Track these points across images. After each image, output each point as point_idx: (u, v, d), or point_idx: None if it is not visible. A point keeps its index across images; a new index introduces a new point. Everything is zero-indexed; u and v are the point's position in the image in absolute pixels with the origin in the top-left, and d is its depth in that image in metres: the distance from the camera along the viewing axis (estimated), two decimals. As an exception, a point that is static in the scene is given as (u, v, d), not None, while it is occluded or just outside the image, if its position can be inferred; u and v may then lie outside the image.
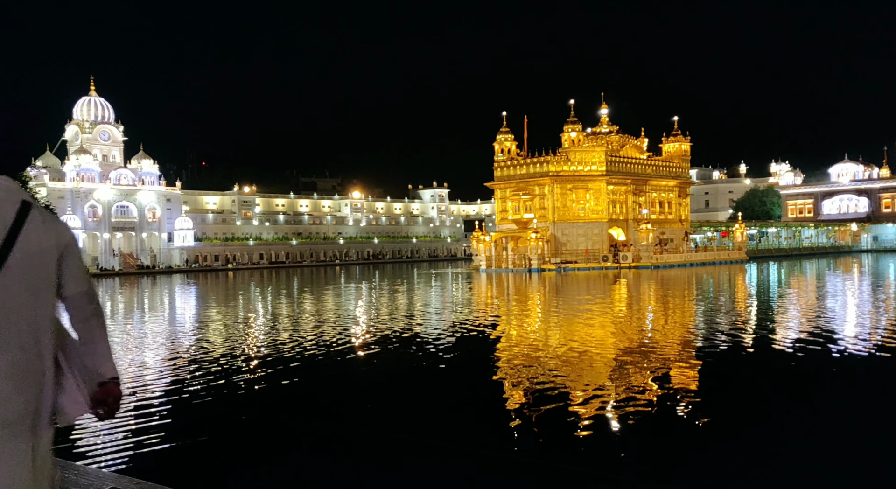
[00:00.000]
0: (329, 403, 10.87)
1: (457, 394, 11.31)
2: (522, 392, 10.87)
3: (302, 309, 27.14)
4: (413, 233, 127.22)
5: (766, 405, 10.00)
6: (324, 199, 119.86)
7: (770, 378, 11.82)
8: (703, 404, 9.82)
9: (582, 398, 10.15)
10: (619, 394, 10.43)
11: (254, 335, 18.95)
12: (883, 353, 13.39)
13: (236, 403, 10.80)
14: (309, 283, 48.13)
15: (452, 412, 10.12)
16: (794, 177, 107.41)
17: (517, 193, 63.06)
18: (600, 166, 60.34)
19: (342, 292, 37.23)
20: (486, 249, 62.24)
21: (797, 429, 8.73)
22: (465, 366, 13.86)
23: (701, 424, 8.93)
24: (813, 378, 11.72)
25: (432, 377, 12.79)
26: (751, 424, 8.98)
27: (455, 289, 37.58)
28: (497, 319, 22.00)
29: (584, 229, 60.57)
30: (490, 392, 11.14)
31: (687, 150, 69.44)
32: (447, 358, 14.55)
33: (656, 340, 16.11)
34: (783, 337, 16.06)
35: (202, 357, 14.88)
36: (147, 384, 12.06)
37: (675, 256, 60.88)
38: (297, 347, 15.87)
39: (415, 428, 9.27)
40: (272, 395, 11.31)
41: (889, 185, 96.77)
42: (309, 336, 17.96)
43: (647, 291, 32.25)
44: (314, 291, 38.62)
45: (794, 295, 28.47)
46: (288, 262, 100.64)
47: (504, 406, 10.07)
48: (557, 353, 14.26)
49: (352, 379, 12.88)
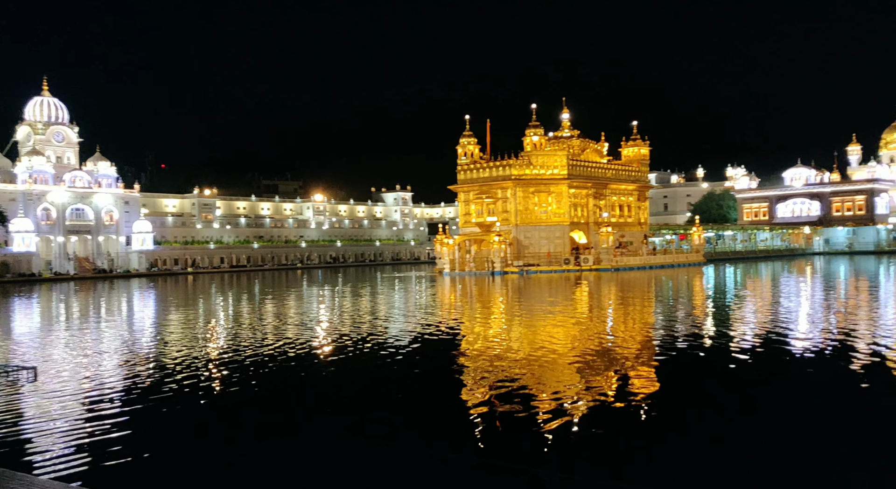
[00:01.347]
0: (291, 408, 10.81)
1: (418, 397, 11.35)
2: (485, 393, 10.96)
3: (263, 313, 26.86)
4: (376, 236, 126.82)
5: (725, 403, 10.26)
6: (286, 202, 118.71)
7: (727, 377, 12.12)
8: (662, 404, 10.04)
9: (544, 399, 10.29)
10: (580, 394, 10.59)
11: (214, 340, 18.70)
12: (832, 353, 13.84)
13: (196, 410, 10.67)
14: (271, 287, 47.62)
15: (413, 414, 10.16)
16: (750, 181, 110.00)
17: (480, 197, 63.37)
18: (562, 170, 61.02)
19: (304, 296, 36.93)
20: (450, 252, 62.37)
21: (753, 426, 8.99)
22: (428, 368, 13.91)
23: (661, 423, 9.13)
24: (767, 376, 12.06)
25: (394, 380, 12.81)
26: (709, 422, 9.21)
27: (418, 293, 37.60)
28: (460, 322, 22.10)
29: (546, 232, 61.15)
30: (453, 394, 11.21)
31: (646, 154, 70.65)
32: (409, 361, 14.58)
33: (617, 342, 16.38)
34: (739, 338, 16.47)
35: (160, 363, 14.65)
36: (103, 392, 11.83)
37: (634, 259, 61.84)
38: (257, 352, 15.72)
39: (377, 430, 9.29)
40: (232, 400, 11.20)
41: (839, 189, 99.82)
42: (270, 341, 17.80)
43: (608, 294, 32.72)
44: (276, 295, 38.24)
45: (749, 297, 29.19)
46: (249, 266, 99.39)
47: (466, 407, 10.14)
48: (520, 355, 14.40)
49: (314, 383, 12.82)
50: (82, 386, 12.30)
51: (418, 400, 11.19)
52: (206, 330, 21.37)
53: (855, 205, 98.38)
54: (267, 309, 28.95)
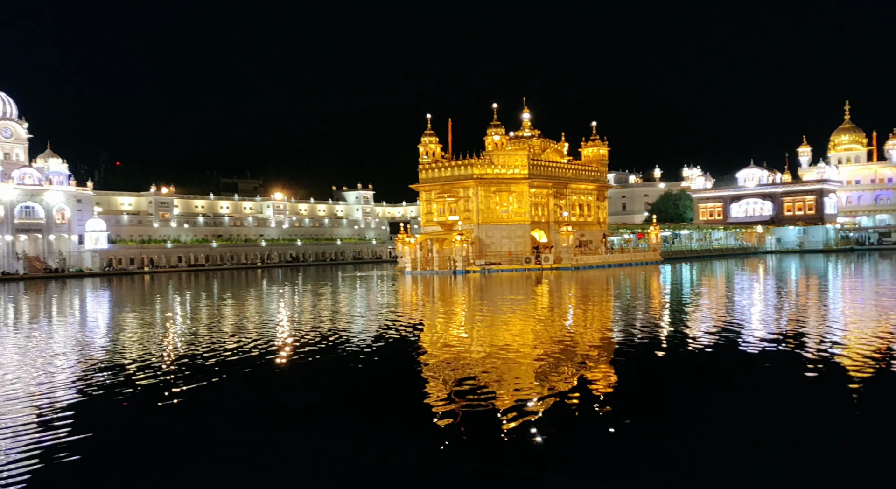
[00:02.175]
0: (248, 409, 10.73)
1: (379, 397, 11.38)
2: (446, 392, 11.04)
3: (222, 313, 26.51)
4: (337, 234, 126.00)
5: (682, 399, 10.53)
6: (245, 201, 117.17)
7: (686, 372, 12.43)
8: (622, 400, 10.25)
9: (506, 398, 10.41)
10: (541, 393, 10.74)
11: (170, 341, 18.40)
12: (784, 346, 14.29)
13: (150, 413, 10.52)
14: (230, 286, 46.96)
15: (374, 414, 10.19)
16: (705, 181, 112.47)
17: (442, 195, 63.49)
18: (523, 170, 61.52)
19: (264, 295, 36.55)
20: (412, 251, 62.36)
21: (710, 422, 9.25)
22: (389, 368, 13.93)
23: (620, 420, 9.33)
24: (723, 372, 12.40)
25: (355, 380, 12.81)
26: (666, 419, 9.44)
27: (380, 292, 37.53)
28: (422, 321, 22.15)
29: (508, 231, 61.60)
30: (414, 393, 11.26)
31: (605, 154, 71.68)
32: (371, 360, 14.58)
33: (578, 339, 16.63)
34: (696, 334, 16.88)
35: (113, 365, 14.37)
36: (53, 396, 11.58)
37: (594, 258, 62.72)
38: (215, 353, 15.54)
39: (334, 431, 9.30)
40: (189, 402, 11.07)
41: (790, 189, 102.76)
42: (228, 341, 17.60)
43: (568, 292, 33.14)
44: (235, 294, 37.74)
45: (705, 294, 29.89)
46: (208, 265, 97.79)
47: (428, 407, 10.20)
48: (482, 354, 14.51)
49: (272, 383, 12.73)
50: (28, 390, 12.01)
51: (379, 400, 11.22)
52: (162, 331, 21.01)
53: (805, 205, 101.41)
54: (226, 309, 28.58)
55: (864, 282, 35.11)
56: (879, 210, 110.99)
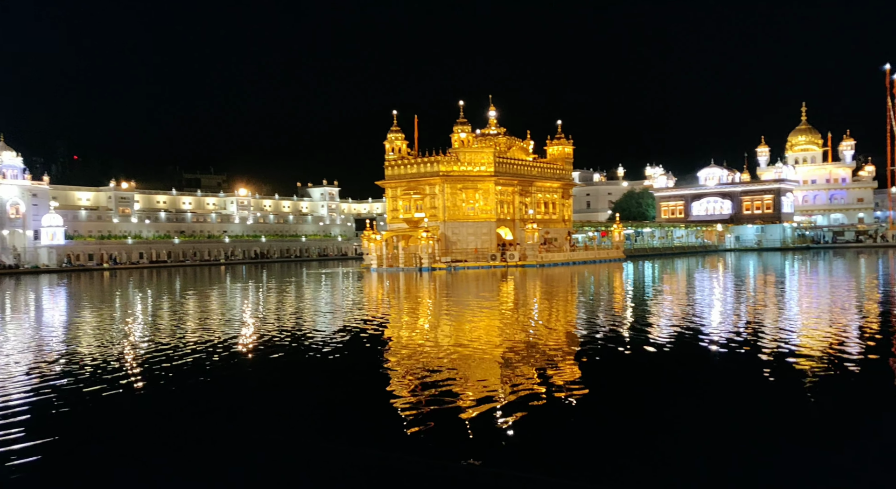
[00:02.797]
0: (209, 407, 10.66)
1: (345, 395, 11.40)
2: (412, 390, 11.11)
3: (184, 310, 26.16)
4: (302, 231, 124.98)
5: (644, 395, 10.76)
6: (208, 196, 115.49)
7: (648, 368, 12.69)
8: (586, 396, 10.44)
9: (471, 395, 10.51)
10: (506, 389, 10.86)
11: (130, 340, 18.11)
12: (742, 342, 14.67)
13: (107, 413, 10.39)
14: (192, 283, 46.28)
15: (340, 412, 10.22)
16: (667, 180, 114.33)
17: (408, 192, 63.44)
18: (489, 167, 61.81)
19: (227, 292, 36.13)
20: (377, 248, 62.21)
21: (673, 417, 9.48)
22: (355, 365, 13.94)
23: (585, 416, 9.51)
24: (684, 368, 12.70)
25: (321, 378, 12.80)
26: (631, 415, 9.64)
27: (345, 289, 37.39)
28: (387, 318, 22.17)
29: (474, 228, 61.86)
30: (380, 391, 11.31)
31: (570, 152, 72.41)
32: (336, 358, 14.57)
33: (542, 336, 16.82)
34: (658, 329, 17.21)
35: (68, 365, 14.12)
36: (6, 395, 11.34)
37: (558, 255, 63.36)
38: (177, 351, 15.37)
39: (302, 429, 9.30)
40: (147, 402, 10.95)
41: (749, 188, 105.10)
42: (190, 339, 17.41)
43: (533, 289, 33.46)
44: (198, 291, 37.22)
45: (666, 291, 30.45)
46: (170, 262, 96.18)
47: (393, 405, 10.26)
48: (447, 351, 14.60)
49: (235, 382, 12.64)
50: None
51: (345, 398, 11.24)
52: (121, 329, 20.65)
53: (763, 203, 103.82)
54: (188, 306, 28.19)
55: (818, 279, 36.15)
56: (834, 209, 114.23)
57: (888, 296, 25.37)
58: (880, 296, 25.41)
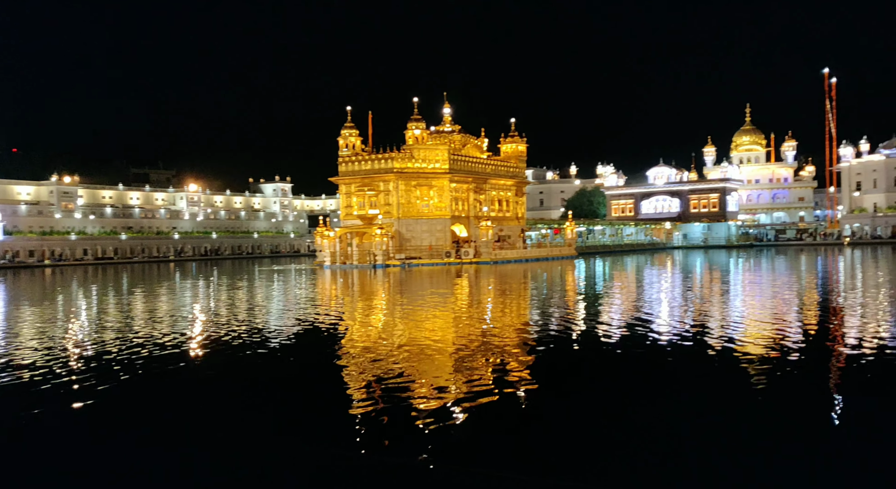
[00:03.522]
0: (155, 408, 10.52)
1: (297, 393, 11.38)
2: (365, 387, 11.15)
3: (130, 308, 25.57)
4: (254, 227, 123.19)
5: (597, 390, 11.04)
6: (157, 192, 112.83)
7: (599, 364, 13.00)
8: (539, 392, 10.65)
9: (425, 392, 10.60)
10: (461, 386, 10.98)
11: (69, 340, 17.65)
12: (691, 336, 15.14)
13: (38, 420, 10.16)
14: (140, 280, 45.18)
15: (293, 410, 10.20)
16: (618, 179, 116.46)
17: (362, 189, 63.17)
18: (444, 164, 61.99)
19: (177, 290, 35.43)
20: (331, 245, 61.81)
21: (626, 412, 9.76)
22: (307, 363, 13.91)
23: (538, 412, 9.70)
24: (635, 362, 13.04)
25: (272, 376, 12.72)
26: (584, 409, 9.89)
27: (297, 286, 37.07)
28: (340, 316, 22.10)
29: (428, 226, 61.96)
30: (333, 389, 11.33)
31: (523, 151, 73.13)
32: (288, 356, 14.50)
33: (496, 333, 17.02)
34: (608, 325, 17.60)
35: (4, 368, 13.71)
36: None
37: (512, 252, 63.98)
38: (122, 350, 15.06)
39: (254, 428, 9.28)
40: (94, 404, 10.74)
41: (696, 187, 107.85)
42: (135, 338, 17.06)
43: (487, 286, 33.75)
44: (145, 289, 36.37)
45: (617, 288, 31.10)
46: (116, 258, 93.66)
47: (346, 402, 10.29)
48: (401, 348, 14.67)
49: (182, 382, 12.47)
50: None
51: (297, 397, 11.23)
52: (61, 328, 20.09)
53: (710, 202, 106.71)
54: (135, 303, 27.56)
55: (761, 275, 37.41)
56: (776, 208, 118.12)
57: (826, 291, 26.47)
58: (818, 291, 26.49)
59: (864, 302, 21.47)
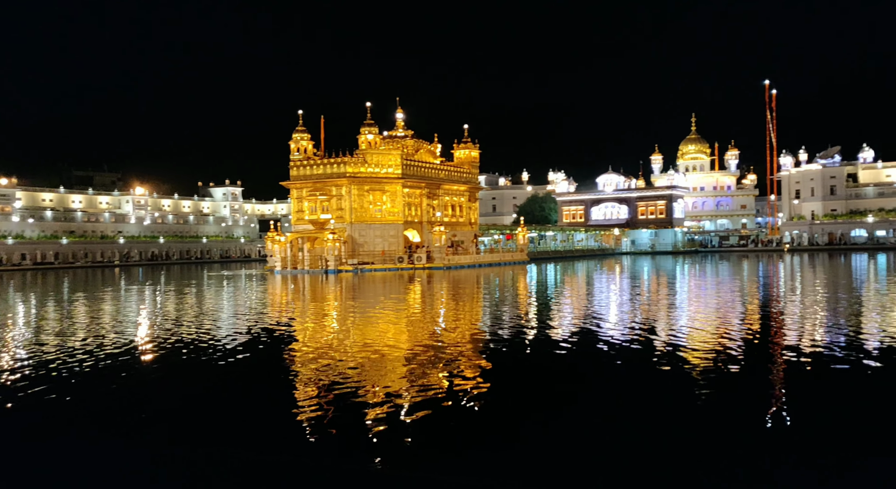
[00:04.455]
0: (105, 417, 10.28)
1: (247, 400, 11.27)
2: (316, 394, 11.10)
3: (70, 314, 24.79)
4: (203, 232, 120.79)
5: (549, 393, 11.22)
6: (101, 195, 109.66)
7: (549, 368, 13.21)
8: (492, 397, 10.77)
9: (378, 398, 10.59)
10: (413, 392, 11.00)
11: (6, 347, 17.04)
12: (639, 339, 15.52)
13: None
14: (82, 286, 43.81)
15: (243, 419, 10.10)
16: (569, 185, 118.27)
17: (314, 193, 62.65)
18: (396, 169, 61.98)
19: (121, 295, 34.50)
20: (282, 250, 61.11)
21: (574, 414, 9.96)
22: (256, 370, 13.75)
23: (491, 416, 9.82)
24: (586, 365, 13.30)
25: (221, 383, 12.56)
26: (537, 413, 10.05)
27: (247, 292, 36.52)
28: (291, 322, 21.89)
29: (381, 231, 61.83)
30: (283, 396, 11.24)
31: (476, 156, 73.66)
32: (236, 363, 14.30)
33: (447, 338, 17.10)
34: (559, 329, 17.89)
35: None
36: None
37: (465, 258, 64.29)
38: (61, 359, 14.63)
39: (203, 437, 9.15)
40: (36, 412, 10.43)
41: (644, 194, 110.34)
42: (76, 345, 16.58)
43: (440, 291, 33.87)
44: (88, 294, 35.28)
45: (567, 293, 31.59)
46: (57, 263, 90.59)
47: (296, 410, 10.23)
48: (353, 355, 14.63)
49: (127, 390, 12.21)
50: None
51: (245, 405, 11.11)
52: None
53: (657, 209, 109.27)
54: (76, 309, 26.73)
55: (706, 280, 38.50)
56: (720, 215, 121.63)
57: (766, 295, 27.44)
58: (759, 294, 27.45)
59: (803, 305, 22.35)
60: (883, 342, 14.61)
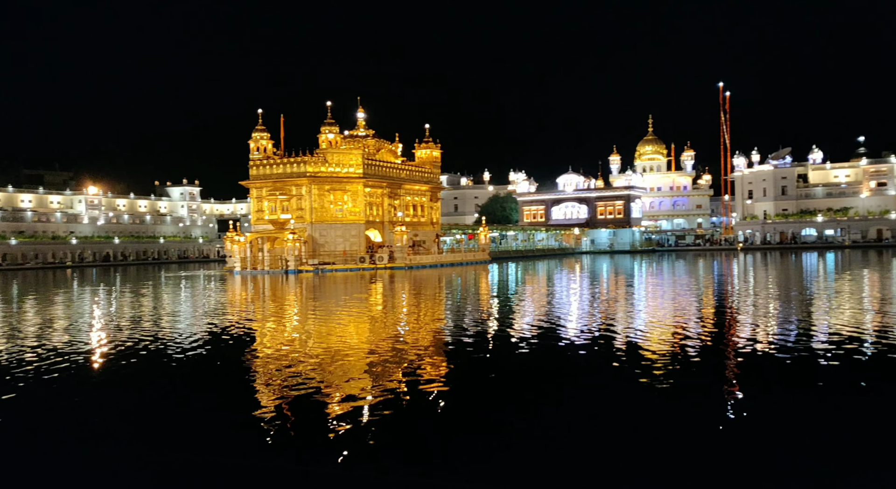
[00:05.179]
0: (60, 422, 10.07)
1: (207, 402, 11.15)
2: (278, 396, 11.04)
3: (20, 316, 24.09)
4: (160, 232, 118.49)
5: (512, 392, 11.34)
6: (52, 194, 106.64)
7: (515, 367, 13.35)
8: (455, 396, 10.85)
9: (338, 399, 10.58)
10: (374, 393, 11.01)
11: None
12: (600, 337, 15.78)
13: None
14: (32, 287, 42.56)
15: (200, 422, 10.00)
16: (529, 185, 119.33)
17: (274, 193, 61.99)
18: (357, 169, 61.70)
19: (74, 296, 33.63)
20: (241, 250, 60.33)
21: (537, 412, 10.09)
22: (216, 372, 13.60)
23: (454, 416, 9.90)
24: (552, 364, 13.48)
25: (178, 385, 12.40)
26: (499, 414, 10.15)
27: (206, 293, 35.97)
28: (251, 323, 21.67)
29: (342, 230, 61.49)
30: (242, 398, 11.15)
31: (438, 156, 73.75)
32: (195, 365, 14.12)
33: (409, 339, 17.14)
34: (522, 329, 18.07)
35: None
36: None
37: (427, 257, 64.34)
38: (9, 360, 14.26)
39: (160, 440, 9.04)
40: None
41: (602, 194, 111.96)
42: (27, 346, 16.16)
43: (401, 291, 33.86)
44: (38, 295, 34.30)
45: (529, 291, 31.89)
46: (5, 264, 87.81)
47: (256, 412, 10.16)
48: (313, 356, 14.57)
49: (81, 393, 11.96)
50: None
51: (204, 407, 11.00)
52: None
53: (615, 209, 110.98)
54: (25, 311, 25.99)
55: (663, 278, 39.29)
56: (677, 215, 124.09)
57: (721, 292, 28.16)
58: (714, 291, 28.15)
59: (756, 302, 23.02)
60: (832, 338, 15.15)
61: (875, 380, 11.09)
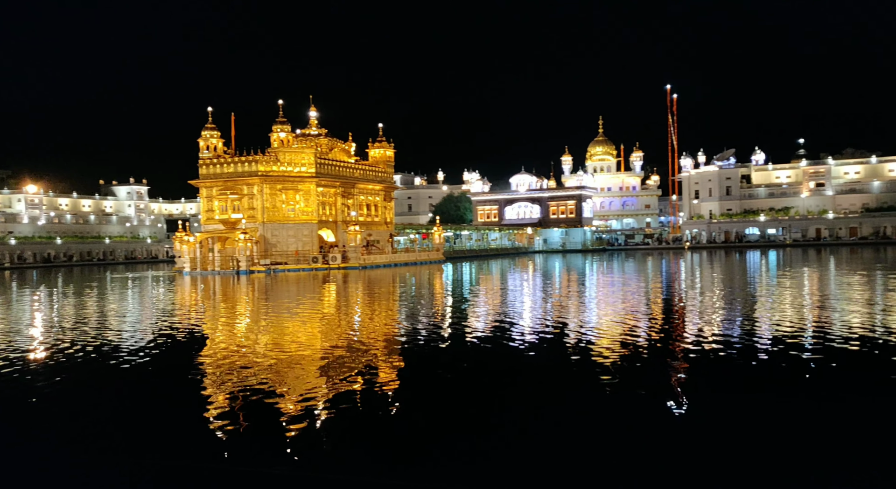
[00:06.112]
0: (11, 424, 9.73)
1: (156, 405, 10.92)
2: (228, 398, 10.88)
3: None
4: (106, 232, 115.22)
5: (465, 392, 11.41)
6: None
7: (469, 367, 13.42)
8: (409, 396, 10.87)
9: (290, 400, 10.49)
10: (327, 394, 10.94)
11: None
12: (554, 335, 15.99)
13: None
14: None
15: (147, 427, 9.80)
16: (483, 185, 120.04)
17: (224, 193, 60.90)
18: (310, 168, 61.09)
19: (11, 299, 32.42)
20: (191, 251, 59.14)
21: (493, 411, 10.17)
22: (165, 375, 13.32)
23: (408, 416, 9.91)
24: (505, 363, 13.59)
25: (126, 389, 12.10)
26: (455, 412, 10.21)
27: (154, 294, 35.12)
28: (200, 324, 21.26)
29: (295, 230, 60.80)
30: (193, 401, 10.96)
31: (391, 156, 73.55)
32: (141, 370, 13.80)
33: (362, 339, 17.07)
34: (477, 328, 18.17)
35: None
36: None
37: (381, 257, 64.12)
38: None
39: (108, 445, 8.83)
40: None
41: (555, 194, 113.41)
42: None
43: (355, 291, 33.67)
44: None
45: (481, 291, 32.10)
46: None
47: (208, 414, 10.01)
48: (264, 357, 14.38)
49: (20, 398, 11.57)
50: None
51: (151, 411, 10.77)
52: None
53: (567, 209, 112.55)
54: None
55: (613, 276, 40.05)
56: (626, 214, 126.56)
57: (669, 289, 28.87)
58: (661, 288, 28.85)
59: (702, 299, 23.67)
60: (776, 333, 15.69)
61: (817, 373, 11.54)
